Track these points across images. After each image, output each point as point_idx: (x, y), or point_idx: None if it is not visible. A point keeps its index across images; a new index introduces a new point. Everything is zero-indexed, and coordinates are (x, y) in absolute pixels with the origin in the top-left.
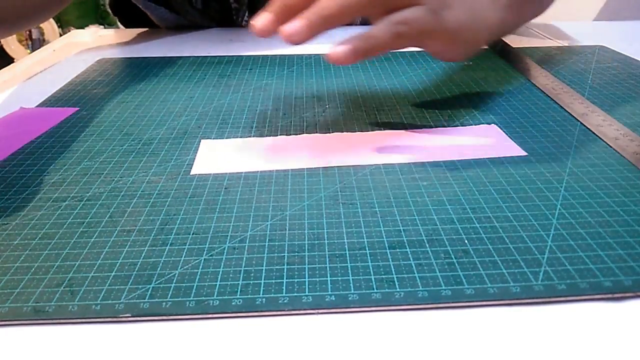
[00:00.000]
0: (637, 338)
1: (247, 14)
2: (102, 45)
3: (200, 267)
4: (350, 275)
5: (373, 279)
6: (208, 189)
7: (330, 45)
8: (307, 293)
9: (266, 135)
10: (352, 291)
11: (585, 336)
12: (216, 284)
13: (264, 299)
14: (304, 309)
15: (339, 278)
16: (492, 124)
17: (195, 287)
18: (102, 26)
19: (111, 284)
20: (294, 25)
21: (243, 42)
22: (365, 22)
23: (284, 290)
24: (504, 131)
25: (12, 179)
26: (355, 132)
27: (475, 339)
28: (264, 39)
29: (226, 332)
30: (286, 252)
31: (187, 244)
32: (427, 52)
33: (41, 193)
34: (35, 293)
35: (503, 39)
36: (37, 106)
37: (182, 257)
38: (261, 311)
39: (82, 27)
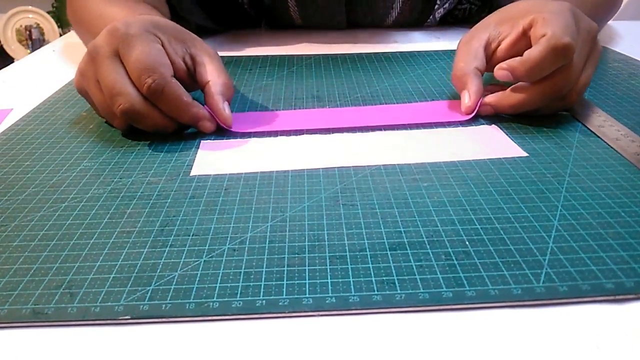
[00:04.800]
0: (639, 340)
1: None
2: None
3: (200, 268)
4: (351, 277)
5: (374, 281)
6: (208, 190)
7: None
8: (307, 295)
9: (266, 136)
10: (353, 293)
11: (587, 338)
12: (216, 286)
13: (264, 301)
14: (305, 311)
15: (340, 280)
16: (493, 125)
17: (195, 289)
18: None
19: (111, 285)
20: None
21: (243, 43)
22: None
23: (284, 292)
24: (504, 132)
25: (11, 180)
26: (355, 132)
27: (477, 341)
28: (263, 40)
29: (226, 335)
30: (286, 253)
31: (187, 245)
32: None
33: (41, 194)
34: (35, 295)
35: None
36: (36, 107)
37: (181, 258)
38: (261, 313)
39: None
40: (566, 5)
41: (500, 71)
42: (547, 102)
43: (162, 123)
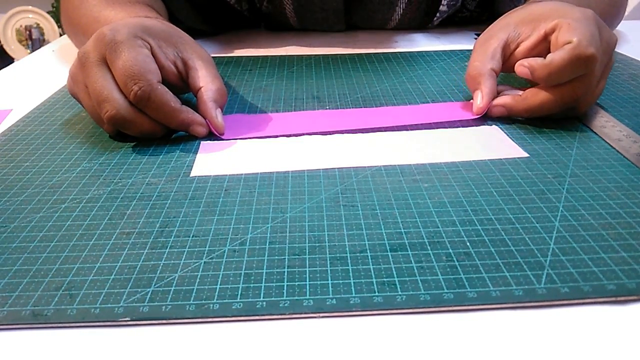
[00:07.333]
0: None
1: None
2: None
3: (200, 270)
4: (352, 279)
5: (374, 282)
6: (208, 190)
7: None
8: (308, 296)
9: (266, 137)
10: (354, 294)
11: (589, 340)
12: (216, 287)
13: (264, 303)
14: (305, 313)
15: (340, 281)
16: (493, 125)
17: (195, 290)
18: None
19: (110, 287)
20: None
21: (243, 43)
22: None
23: (285, 294)
24: (505, 132)
25: (10, 181)
26: (356, 133)
27: (478, 343)
28: (262, 40)
29: (226, 336)
30: (287, 254)
31: (187, 246)
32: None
33: (40, 195)
34: (34, 296)
35: None
36: (36, 107)
37: (181, 260)
38: (262, 315)
39: None
40: (590, 13)
41: (521, 67)
42: (564, 108)
43: (149, 129)
